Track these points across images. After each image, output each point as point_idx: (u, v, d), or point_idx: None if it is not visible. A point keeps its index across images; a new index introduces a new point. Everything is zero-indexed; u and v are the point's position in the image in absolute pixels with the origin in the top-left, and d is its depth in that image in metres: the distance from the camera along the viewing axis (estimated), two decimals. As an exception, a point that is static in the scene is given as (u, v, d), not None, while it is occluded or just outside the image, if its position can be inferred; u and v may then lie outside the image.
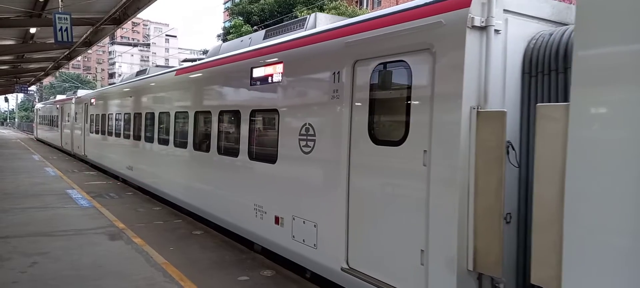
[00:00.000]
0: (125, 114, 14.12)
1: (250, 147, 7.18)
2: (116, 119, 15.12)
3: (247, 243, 7.47)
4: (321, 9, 32.18)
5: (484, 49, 4.08)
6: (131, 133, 13.31)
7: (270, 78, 6.67)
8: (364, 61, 5.03)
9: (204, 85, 9.26)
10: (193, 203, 9.26)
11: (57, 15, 11.50)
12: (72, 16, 11.78)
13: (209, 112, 8.50)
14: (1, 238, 7.62)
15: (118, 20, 15.60)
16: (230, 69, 8.07)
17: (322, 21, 6.81)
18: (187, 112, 9.50)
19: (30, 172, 16.55)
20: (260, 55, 7.10)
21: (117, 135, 14.88)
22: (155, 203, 11.16)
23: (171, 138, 10.32)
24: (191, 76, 9.84)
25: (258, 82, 6.98)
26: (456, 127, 4.02)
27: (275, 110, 6.55)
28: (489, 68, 4.07)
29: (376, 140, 4.87)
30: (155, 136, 11.35)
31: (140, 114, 12.57)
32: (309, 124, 5.79)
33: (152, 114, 11.58)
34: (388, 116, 5.08)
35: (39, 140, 37.54)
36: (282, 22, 8.75)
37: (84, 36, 18.52)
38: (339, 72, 5.32)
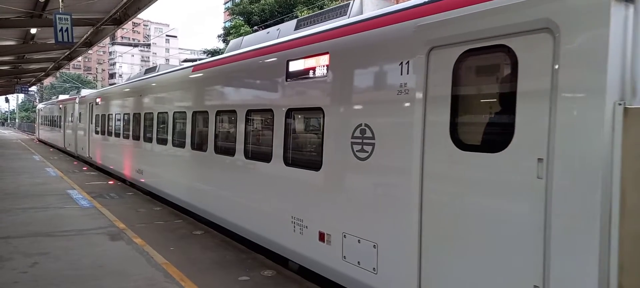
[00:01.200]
0: (134, 114, 13.26)
1: (286, 151, 6.26)
2: (124, 120, 14.31)
3: (280, 259, 6.64)
4: (321, 9, 32.17)
5: (631, 27, 3.18)
6: (141, 135, 12.50)
7: (312, 72, 5.78)
8: (443, 48, 4.11)
9: (227, 82, 8.31)
10: (210, 211, 8.59)
11: (57, 16, 11.53)
12: (73, 16, 11.82)
13: (233, 112, 7.67)
14: (2, 239, 7.62)
15: (118, 20, 15.64)
16: (259, 63, 7.16)
17: (369, 7, 5.95)
18: (206, 111, 8.61)
19: (31, 173, 16.55)
20: (298, 46, 6.17)
21: (125, 136, 14.09)
22: (156, 203, 11.16)
23: (188, 140, 9.39)
24: (211, 72, 8.88)
25: (296, 77, 6.10)
26: (596, 129, 3.11)
27: (318, 109, 5.68)
28: (637, 52, 3.20)
29: (462, 144, 3.97)
30: (169, 138, 10.45)
31: (151, 114, 11.75)
32: (366, 125, 4.90)
33: (165, 114, 10.75)
34: (480, 115, 4.16)
35: (40, 141, 37.25)
36: (283, 22, 8.62)
37: (85, 36, 18.56)
38: (407, 63, 4.40)
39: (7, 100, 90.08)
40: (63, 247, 7.20)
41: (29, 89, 50.04)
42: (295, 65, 6.11)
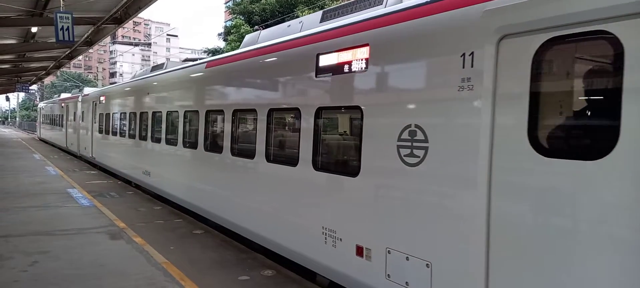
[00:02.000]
0: (141, 113, 12.69)
1: (315, 154, 5.67)
2: (130, 119, 13.75)
3: (305, 271, 6.10)
4: (322, 8, 32.09)
5: None
6: (149, 135, 11.90)
7: (347, 66, 5.19)
8: (518, 36, 3.50)
9: (245, 78, 7.66)
10: (222, 216, 8.06)
11: (58, 15, 11.55)
12: (74, 15, 11.82)
13: (253, 111, 7.07)
14: (2, 237, 7.61)
15: (119, 19, 15.66)
16: (283, 58, 6.56)
17: None
18: (222, 110, 8.03)
19: (31, 171, 16.55)
20: (330, 38, 5.58)
21: (131, 136, 13.52)
22: (156, 202, 11.15)
23: (201, 141, 8.75)
24: (228, 68, 8.23)
25: (328, 73, 5.49)
26: None
27: (356, 108, 5.07)
28: None
29: (545, 150, 3.35)
30: (180, 139, 9.84)
31: (160, 113, 11.16)
32: (417, 126, 4.28)
33: (176, 113, 10.12)
34: (570, 116, 3.52)
35: (42, 140, 37.25)
36: (284, 22, 8.47)
37: (85, 35, 18.58)
38: (471, 54, 3.80)
39: (7, 99, 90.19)
40: (63, 246, 7.19)
41: (30, 88, 50.08)
42: (326, 59, 5.52)
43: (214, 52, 41.02)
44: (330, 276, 5.51)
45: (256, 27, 35.99)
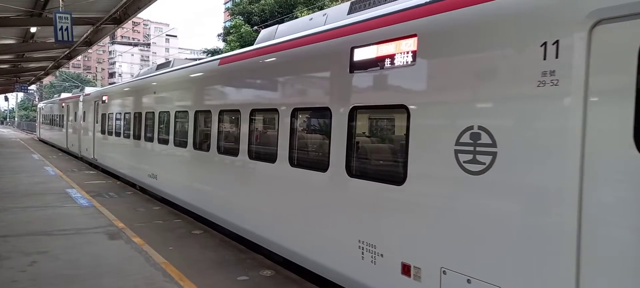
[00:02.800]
0: (147, 113, 12.23)
1: (348, 159, 5.10)
2: (135, 120, 13.25)
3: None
4: (321, 9, 32.05)
5: None
6: (155, 136, 11.46)
7: (389, 60, 4.64)
8: (619, 21, 2.97)
9: (264, 76, 7.07)
10: (240, 224, 7.47)
11: (57, 15, 11.54)
12: (73, 15, 11.82)
13: (273, 111, 6.58)
14: (0, 237, 7.60)
15: (118, 19, 15.66)
16: (309, 53, 5.97)
17: None
18: (237, 110, 7.50)
19: (30, 171, 16.53)
20: (368, 30, 5.00)
21: (136, 137, 13.05)
22: (155, 203, 11.15)
23: (213, 142, 8.25)
24: (243, 65, 7.64)
25: (365, 68, 4.94)
26: None
27: (401, 107, 4.51)
28: None
29: None
30: (190, 141, 9.36)
31: (167, 113, 10.71)
32: (481, 128, 3.72)
33: (185, 113, 9.66)
34: None
35: (41, 140, 37.15)
36: (283, 22, 8.33)
37: (85, 36, 18.59)
38: (556, 43, 3.25)
39: (6, 99, 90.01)
40: (62, 246, 7.19)
41: (29, 88, 50.06)
42: (363, 53, 4.97)
43: (213, 52, 41.07)
44: None
45: (255, 27, 36.01)
